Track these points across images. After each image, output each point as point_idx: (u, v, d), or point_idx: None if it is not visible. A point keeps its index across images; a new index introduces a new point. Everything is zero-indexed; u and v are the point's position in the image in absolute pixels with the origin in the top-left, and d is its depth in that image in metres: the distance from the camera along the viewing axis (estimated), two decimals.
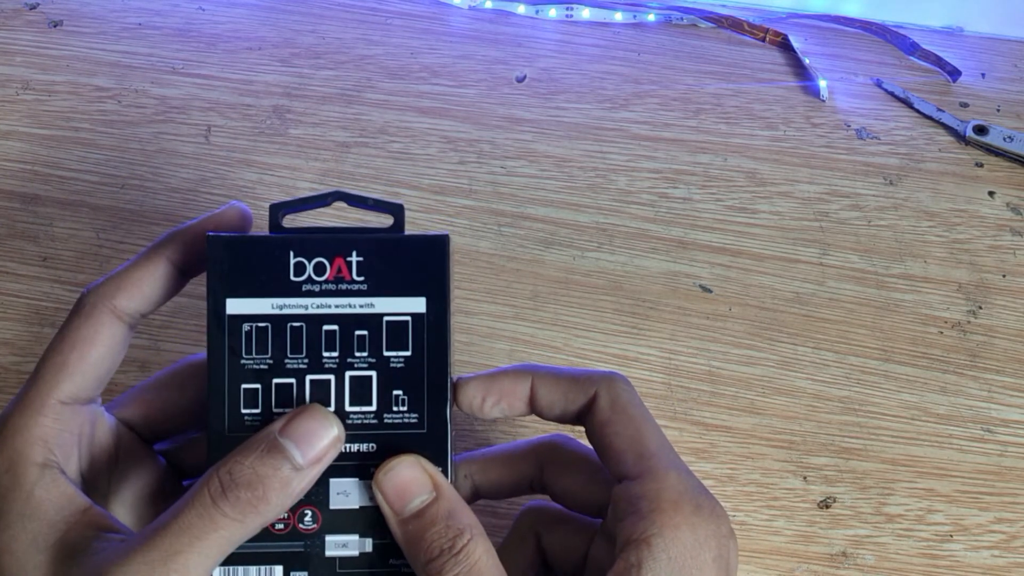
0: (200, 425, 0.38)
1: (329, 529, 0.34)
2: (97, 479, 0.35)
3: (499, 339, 0.50)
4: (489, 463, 0.38)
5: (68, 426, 0.33)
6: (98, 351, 0.33)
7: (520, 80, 0.60)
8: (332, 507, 0.34)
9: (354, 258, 0.34)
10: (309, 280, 0.34)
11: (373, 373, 0.34)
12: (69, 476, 0.33)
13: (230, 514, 0.30)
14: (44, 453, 0.32)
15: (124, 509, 0.35)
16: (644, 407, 0.36)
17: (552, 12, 0.63)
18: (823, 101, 0.60)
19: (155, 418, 0.36)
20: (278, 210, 0.35)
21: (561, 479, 0.37)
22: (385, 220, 0.35)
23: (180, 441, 0.38)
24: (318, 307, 0.34)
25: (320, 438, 0.32)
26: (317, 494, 0.34)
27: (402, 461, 0.33)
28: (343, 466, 0.34)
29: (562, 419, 0.37)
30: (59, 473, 0.32)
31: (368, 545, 0.34)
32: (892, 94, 0.61)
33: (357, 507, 0.34)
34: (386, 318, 0.34)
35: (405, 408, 0.34)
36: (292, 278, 0.34)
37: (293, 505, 0.32)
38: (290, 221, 0.36)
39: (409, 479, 0.33)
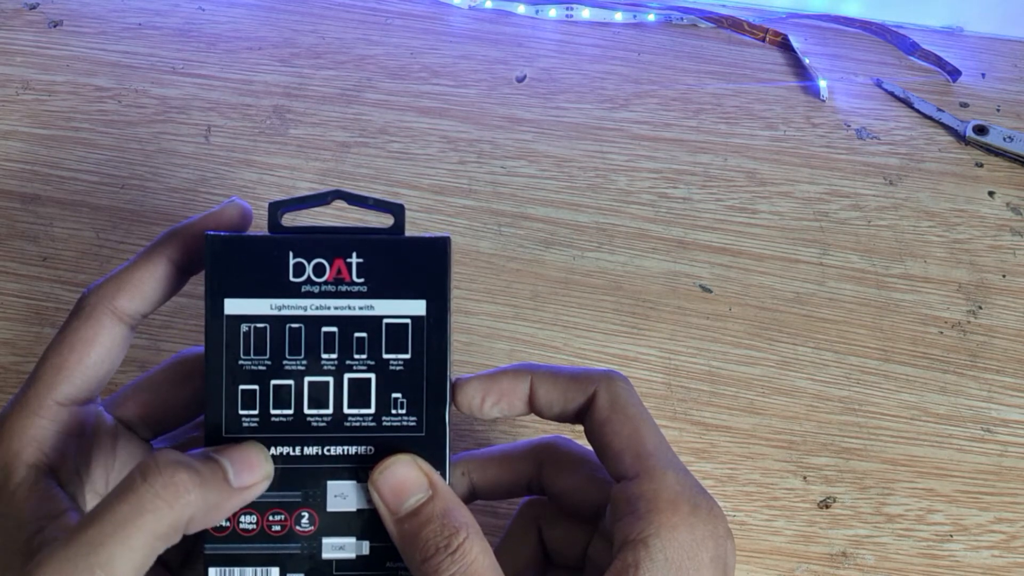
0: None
1: (326, 531, 0.34)
2: (95, 479, 0.35)
3: (499, 339, 0.50)
4: (487, 462, 0.38)
5: (65, 428, 0.33)
6: (98, 353, 0.33)
7: (520, 80, 0.60)
8: (329, 509, 0.34)
9: (354, 259, 0.34)
10: (308, 281, 0.34)
11: (372, 375, 0.34)
12: (64, 477, 0.33)
13: (161, 494, 0.29)
14: (36, 454, 0.32)
15: None
16: (643, 406, 0.36)
17: (552, 12, 0.63)
18: (823, 101, 0.60)
19: (152, 416, 0.36)
20: (277, 208, 0.35)
21: (559, 480, 0.37)
22: (385, 220, 0.35)
23: (177, 440, 0.38)
24: (317, 308, 0.34)
25: (255, 468, 0.32)
26: (314, 496, 0.34)
27: (398, 460, 0.33)
28: (341, 468, 0.34)
29: (561, 418, 0.37)
30: (44, 475, 0.32)
31: (365, 548, 0.34)
32: (892, 94, 0.61)
33: (354, 510, 0.34)
34: (386, 320, 0.34)
35: (404, 411, 0.34)
36: (291, 279, 0.34)
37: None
38: (289, 220, 0.35)
39: (405, 478, 0.33)
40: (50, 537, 0.31)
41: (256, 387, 0.34)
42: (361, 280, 0.34)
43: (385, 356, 0.34)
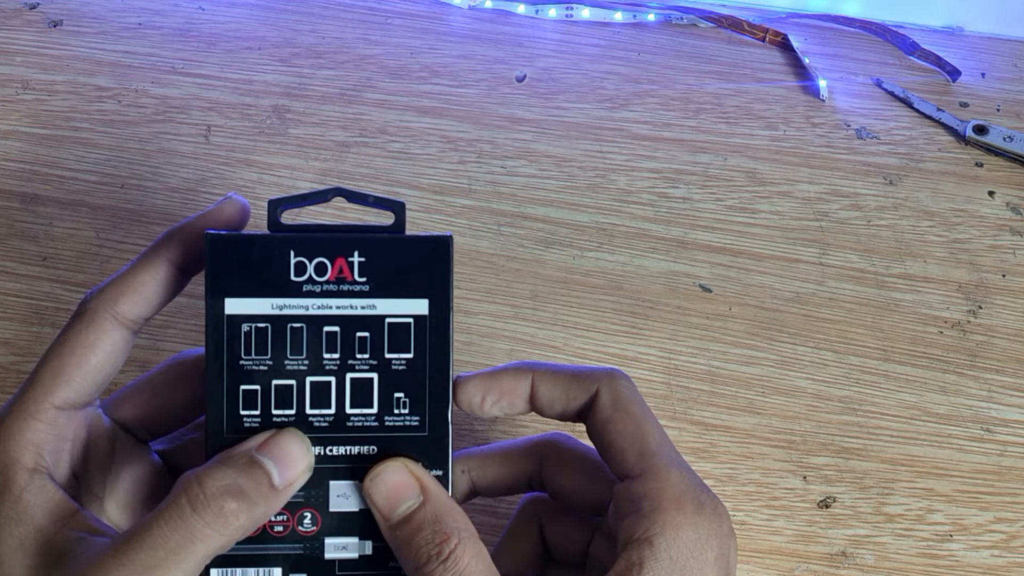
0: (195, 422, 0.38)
1: (328, 531, 0.34)
2: (92, 482, 0.34)
3: (499, 339, 0.50)
4: (488, 459, 0.38)
5: (62, 431, 0.33)
6: (98, 357, 0.33)
7: (520, 80, 0.60)
8: (332, 509, 0.34)
9: (356, 258, 0.34)
10: (310, 280, 0.34)
11: (374, 375, 0.34)
12: (60, 480, 0.33)
13: (212, 524, 0.30)
14: (35, 458, 0.32)
15: (119, 510, 0.35)
16: (645, 404, 0.36)
17: (552, 12, 0.63)
18: (823, 101, 0.60)
19: (150, 418, 0.36)
20: (277, 206, 0.34)
21: (560, 477, 0.37)
22: (384, 219, 0.35)
23: (177, 441, 0.38)
24: (319, 308, 0.34)
25: (296, 462, 0.33)
26: (316, 496, 0.34)
27: (388, 466, 0.33)
28: (343, 468, 0.34)
29: (563, 417, 0.37)
30: (47, 478, 0.32)
31: (368, 547, 0.34)
32: (892, 94, 0.61)
33: (357, 509, 0.34)
34: (388, 320, 0.34)
35: (406, 411, 0.34)
36: (292, 278, 0.34)
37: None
38: (288, 218, 0.35)
39: (396, 483, 0.33)
40: (73, 537, 0.31)
41: (257, 387, 0.33)
42: (363, 279, 0.34)
43: (387, 356, 0.34)
